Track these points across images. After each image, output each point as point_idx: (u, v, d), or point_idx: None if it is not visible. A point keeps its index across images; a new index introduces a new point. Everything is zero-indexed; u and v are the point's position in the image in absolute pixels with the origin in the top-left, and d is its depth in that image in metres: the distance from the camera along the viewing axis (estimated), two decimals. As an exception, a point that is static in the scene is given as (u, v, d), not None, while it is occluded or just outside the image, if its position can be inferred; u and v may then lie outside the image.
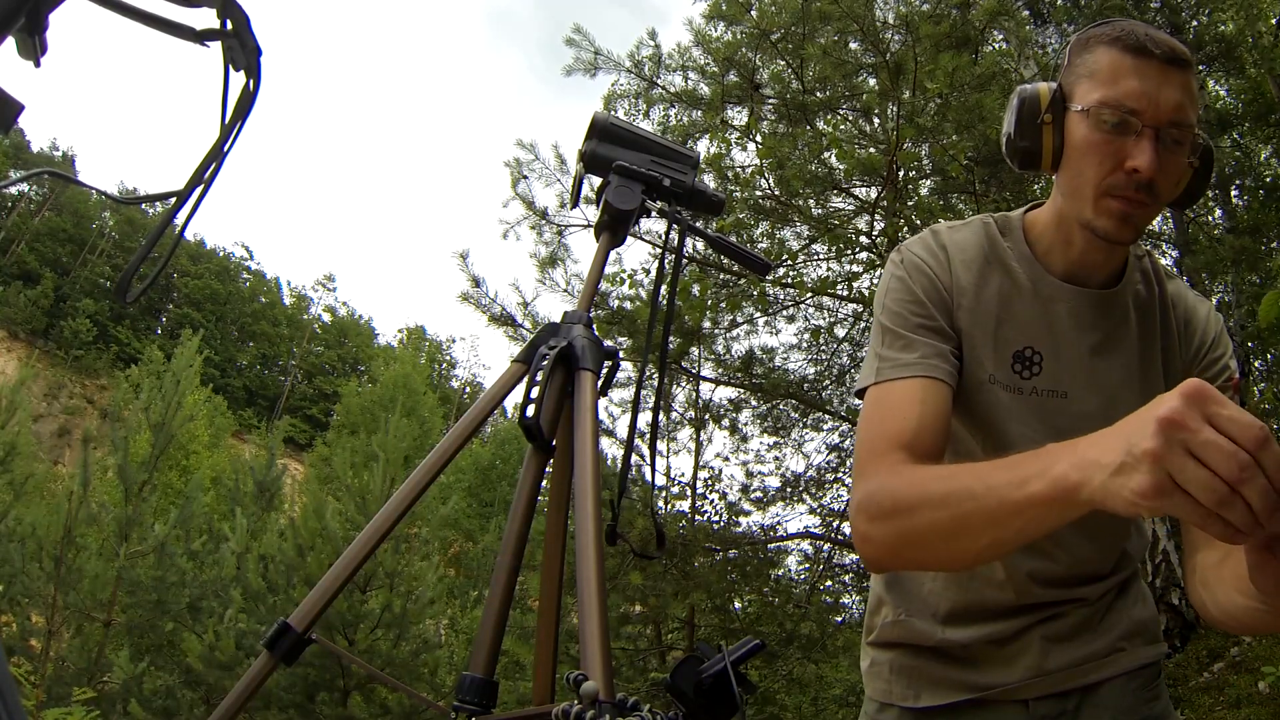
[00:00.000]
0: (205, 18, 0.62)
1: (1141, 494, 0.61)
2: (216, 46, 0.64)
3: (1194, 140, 0.96)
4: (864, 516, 0.91)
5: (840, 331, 8.15)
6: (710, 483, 8.30)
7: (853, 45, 6.86)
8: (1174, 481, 0.60)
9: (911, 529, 0.86)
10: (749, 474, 8.28)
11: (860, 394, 1.07)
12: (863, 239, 7.13)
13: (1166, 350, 1.10)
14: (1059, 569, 1.09)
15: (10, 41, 0.49)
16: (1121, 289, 1.08)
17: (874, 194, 6.86)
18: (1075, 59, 1.01)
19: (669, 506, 7.95)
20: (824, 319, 8.04)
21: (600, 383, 1.30)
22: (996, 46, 7.13)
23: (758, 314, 7.35)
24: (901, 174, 6.66)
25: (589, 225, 6.60)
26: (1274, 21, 7.65)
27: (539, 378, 1.21)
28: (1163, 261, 1.18)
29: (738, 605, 7.98)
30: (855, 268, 7.49)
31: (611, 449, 7.32)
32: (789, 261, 7.05)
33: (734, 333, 7.55)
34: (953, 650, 1.11)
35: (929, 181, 7.26)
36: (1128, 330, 1.08)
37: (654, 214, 1.47)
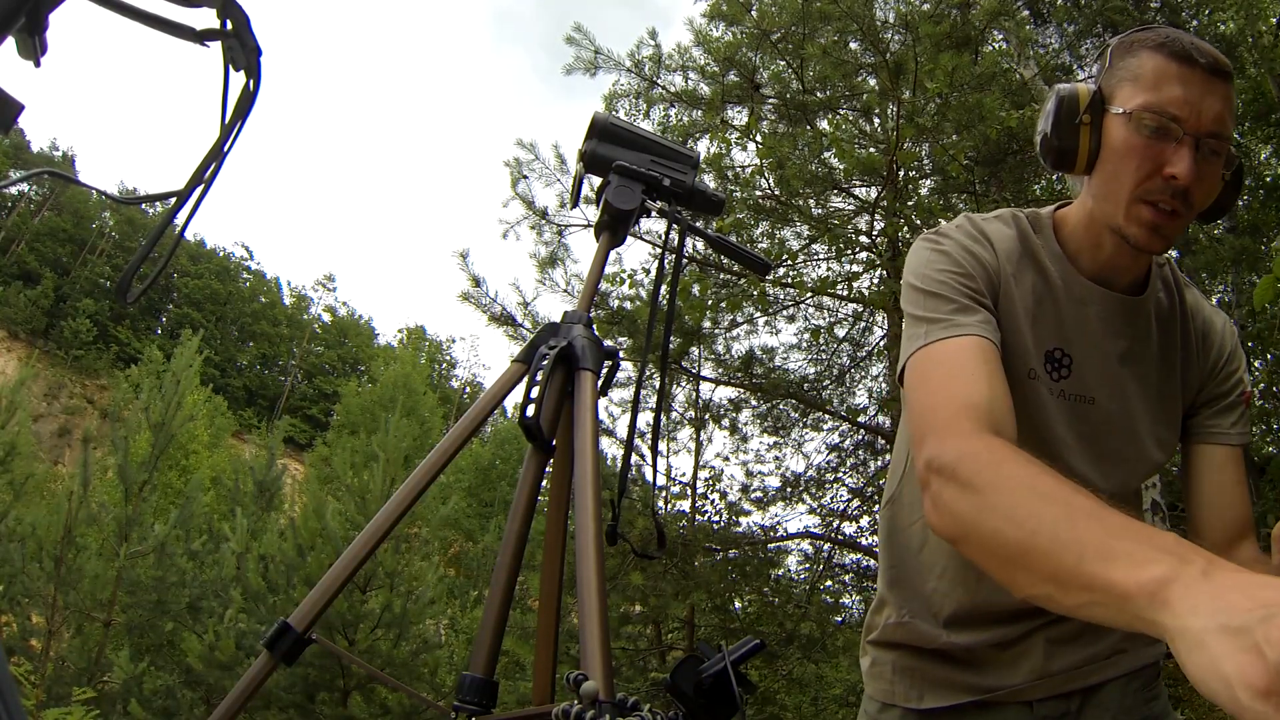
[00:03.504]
0: (205, 18, 0.62)
1: (1244, 678, 0.45)
2: (216, 46, 0.64)
3: (1229, 153, 0.95)
4: (942, 479, 0.80)
5: (840, 331, 8.15)
6: (710, 483, 8.31)
7: (853, 45, 6.86)
8: None
9: (979, 523, 0.74)
10: (749, 474, 8.29)
11: (900, 376, 0.99)
12: (863, 239, 7.13)
13: (1185, 361, 1.10)
14: None
15: (10, 41, 0.50)
16: (1146, 297, 1.07)
17: (874, 194, 6.86)
18: (1117, 62, 1.00)
19: (669, 506, 7.96)
20: (824, 319, 8.05)
21: (600, 383, 1.30)
22: (996, 46, 7.13)
23: (758, 314, 7.35)
24: (901, 174, 6.66)
25: (589, 225, 6.61)
26: (1274, 21, 7.65)
27: (539, 378, 1.21)
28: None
29: (738, 605, 7.99)
30: (855, 268, 7.50)
31: (611, 449, 7.33)
32: (789, 261, 7.05)
33: (734, 333, 7.56)
34: (956, 653, 1.11)
35: (929, 181, 7.26)
36: (1150, 339, 1.07)
37: (654, 214, 1.47)
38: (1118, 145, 0.96)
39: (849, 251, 7.25)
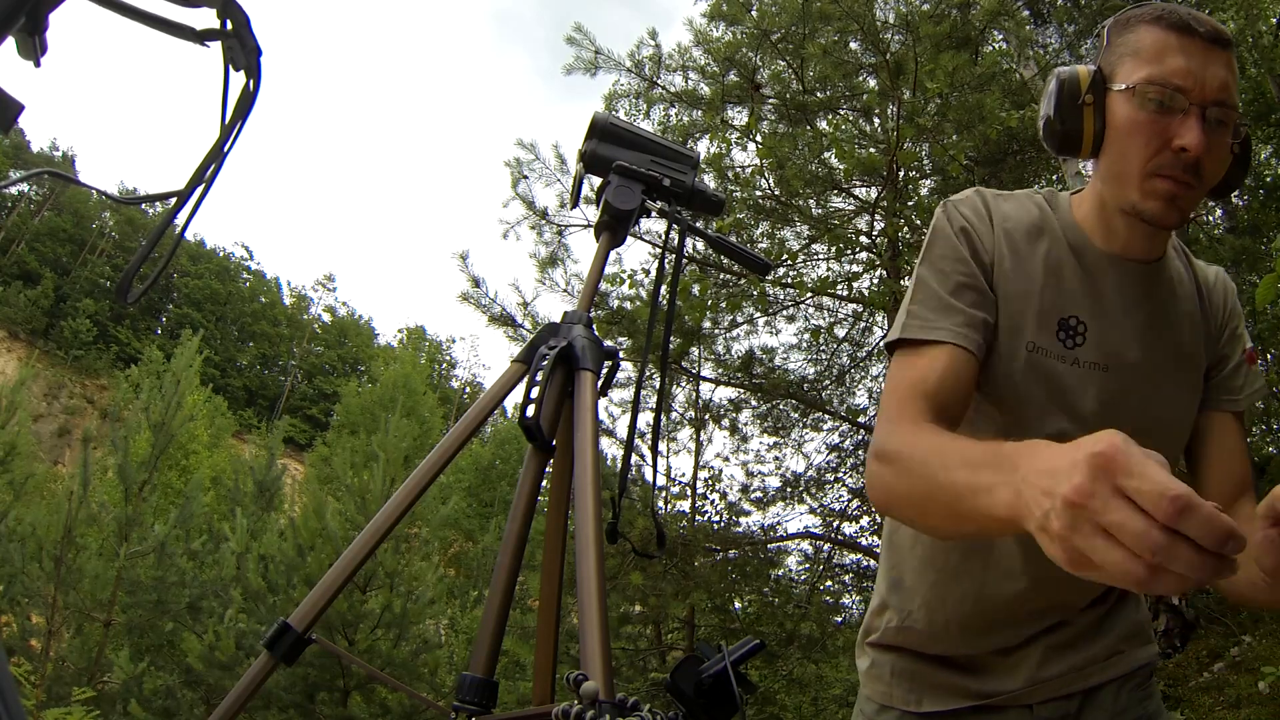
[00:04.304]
0: (205, 18, 0.63)
1: (1061, 564, 0.58)
2: (216, 46, 0.64)
3: (1236, 123, 0.93)
4: (872, 456, 0.92)
5: (840, 331, 8.15)
6: (710, 483, 8.31)
7: (853, 45, 6.86)
8: (1086, 556, 0.55)
9: (893, 488, 0.88)
10: (749, 474, 8.30)
11: (890, 347, 1.04)
12: (863, 239, 7.13)
13: (1205, 324, 1.09)
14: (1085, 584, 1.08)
15: (10, 41, 0.50)
16: (1164, 264, 1.06)
17: (874, 194, 6.87)
18: (1115, 39, 0.98)
19: (669, 506, 7.96)
20: (824, 319, 8.05)
21: (600, 383, 1.30)
22: (996, 46, 7.13)
23: (758, 314, 7.35)
24: (901, 174, 6.66)
25: (589, 225, 6.61)
26: (1274, 21, 7.65)
27: (539, 378, 1.21)
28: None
29: (738, 605, 7.99)
30: (855, 268, 7.50)
31: (611, 449, 7.33)
32: (789, 261, 7.05)
33: (734, 333, 7.56)
34: (956, 658, 1.11)
35: (929, 181, 7.26)
36: (1171, 304, 1.06)
37: (654, 214, 1.47)
38: (1123, 122, 0.95)
39: (849, 251, 7.25)
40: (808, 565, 8.19)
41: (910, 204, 6.48)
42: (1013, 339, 1.02)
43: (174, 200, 0.67)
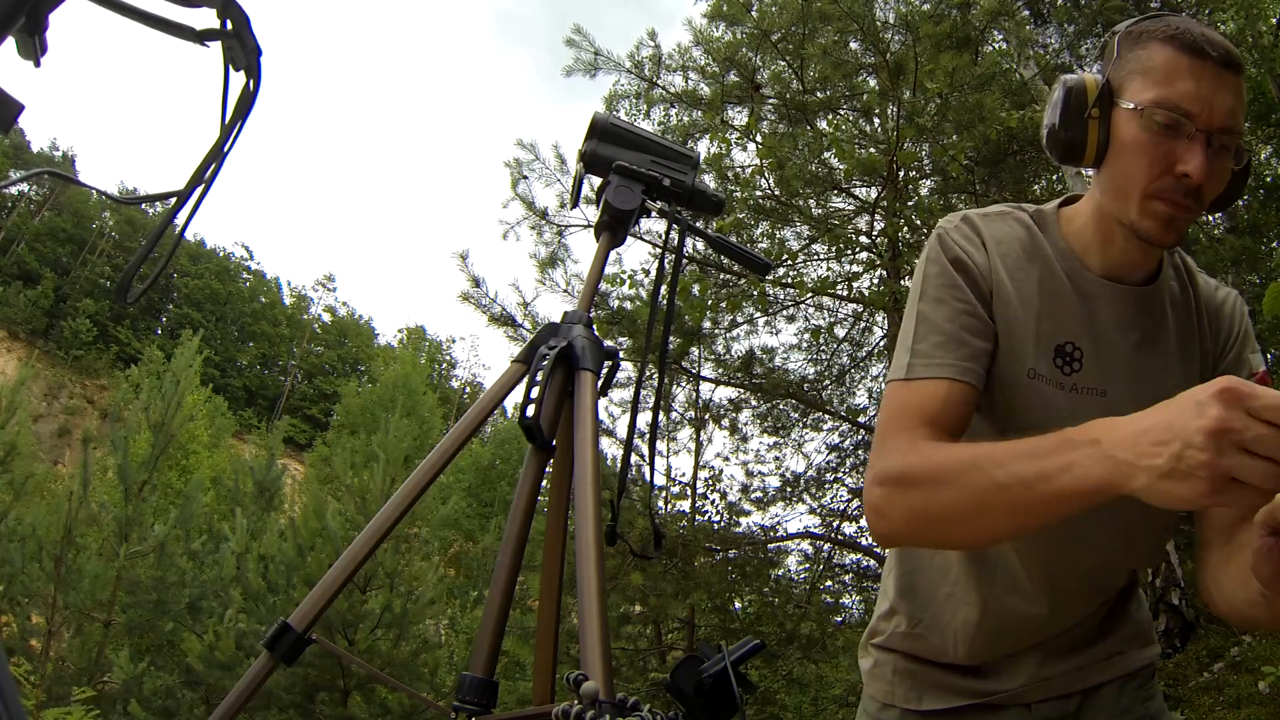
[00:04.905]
0: (205, 18, 0.63)
1: (1197, 497, 0.65)
2: (216, 46, 0.64)
3: (1239, 147, 0.94)
4: (880, 488, 0.91)
5: (840, 331, 8.16)
6: (710, 483, 8.31)
7: (853, 45, 6.86)
8: (1229, 478, 0.64)
9: (929, 506, 0.87)
10: (749, 474, 8.30)
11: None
12: (863, 239, 7.14)
13: (1201, 346, 1.09)
14: (1093, 600, 1.09)
15: (10, 41, 0.50)
16: (1159, 286, 1.05)
17: (874, 194, 6.87)
18: (1126, 53, 0.97)
19: (669, 506, 7.96)
20: (824, 319, 8.06)
21: (600, 383, 1.30)
22: (996, 46, 7.14)
23: (758, 314, 7.36)
24: (901, 174, 6.66)
25: (589, 225, 6.61)
26: (1274, 21, 7.66)
27: (539, 378, 1.21)
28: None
29: (738, 605, 7.99)
30: (855, 268, 7.50)
31: (611, 449, 7.33)
32: (789, 261, 7.06)
33: (734, 333, 7.56)
34: (960, 662, 1.12)
35: (929, 181, 7.26)
36: (1166, 328, 1.05)
37: (654, 214, 1.47)
38: (1128, 141, 0.94)
39: (849, 251, 7.26)
40: (808, 565, 8.20)
41: (910, 204, 6.48)
42: (1013, 365, 1.02)
43: (174, 200, 0.67)
